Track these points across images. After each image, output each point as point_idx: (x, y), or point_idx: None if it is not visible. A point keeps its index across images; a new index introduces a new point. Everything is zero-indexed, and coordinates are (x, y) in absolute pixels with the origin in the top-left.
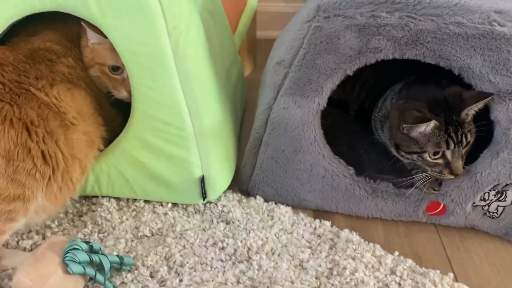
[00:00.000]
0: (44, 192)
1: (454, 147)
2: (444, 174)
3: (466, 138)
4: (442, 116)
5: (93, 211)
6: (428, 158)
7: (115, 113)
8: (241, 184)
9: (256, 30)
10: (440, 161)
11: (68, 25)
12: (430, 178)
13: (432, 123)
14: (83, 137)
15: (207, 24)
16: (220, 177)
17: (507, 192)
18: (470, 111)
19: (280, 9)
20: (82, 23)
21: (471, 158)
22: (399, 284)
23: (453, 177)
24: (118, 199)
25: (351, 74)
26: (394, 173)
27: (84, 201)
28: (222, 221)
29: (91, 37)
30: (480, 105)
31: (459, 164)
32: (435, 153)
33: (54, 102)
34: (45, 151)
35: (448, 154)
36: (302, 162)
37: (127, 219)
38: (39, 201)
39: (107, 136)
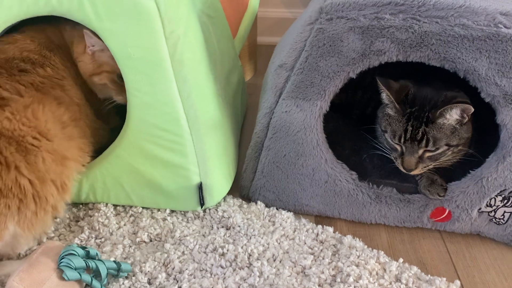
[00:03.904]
0: (16, 220)
1: (406, 141)
2: (398, 162)
3: (427, 141)
4: (415, 109)
5: (90, 216)
6: (388, 139)
7: (100, 123)
8: (241, 189)
9: (257, 35)
10: (398, 147)
11: (46, 33)
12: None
13: (386, 91)
14: (49, 156)
15: (206, 29)
16: (219, 184)
17: None
18: (445, 113)
19: (281, 15)
20: (84, 29)
21: (477, 163)
22: None
23: (405, 171)
24: (115, 204)
25: (354, 77)
26: (398, 178)
27: (81, 206)
28: (222, 227)
29: (93, 43)
30: (448, 109)
31: (411, 160)
32: (396, 138)
33: (6, 126)
34: (1, 187)
35: (403, 145)
36: (304, 166)
37: (125, 225)
38: (10, 230)
39: (90, 148)
